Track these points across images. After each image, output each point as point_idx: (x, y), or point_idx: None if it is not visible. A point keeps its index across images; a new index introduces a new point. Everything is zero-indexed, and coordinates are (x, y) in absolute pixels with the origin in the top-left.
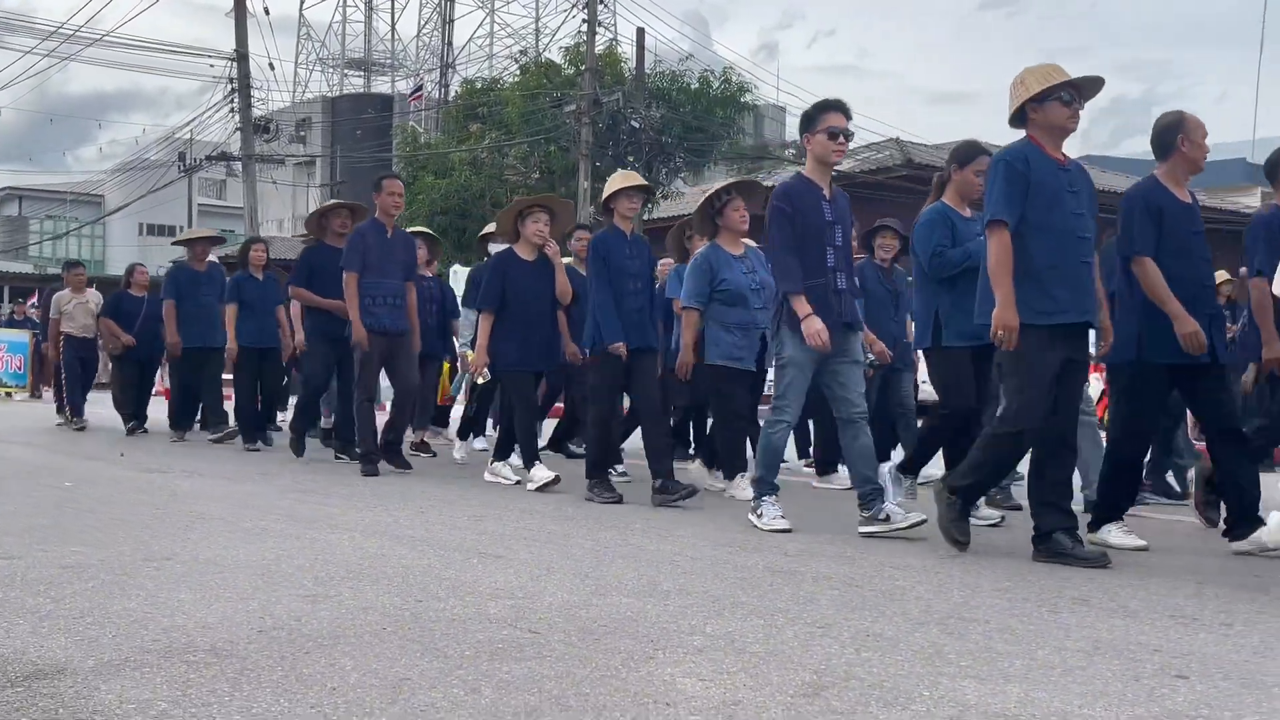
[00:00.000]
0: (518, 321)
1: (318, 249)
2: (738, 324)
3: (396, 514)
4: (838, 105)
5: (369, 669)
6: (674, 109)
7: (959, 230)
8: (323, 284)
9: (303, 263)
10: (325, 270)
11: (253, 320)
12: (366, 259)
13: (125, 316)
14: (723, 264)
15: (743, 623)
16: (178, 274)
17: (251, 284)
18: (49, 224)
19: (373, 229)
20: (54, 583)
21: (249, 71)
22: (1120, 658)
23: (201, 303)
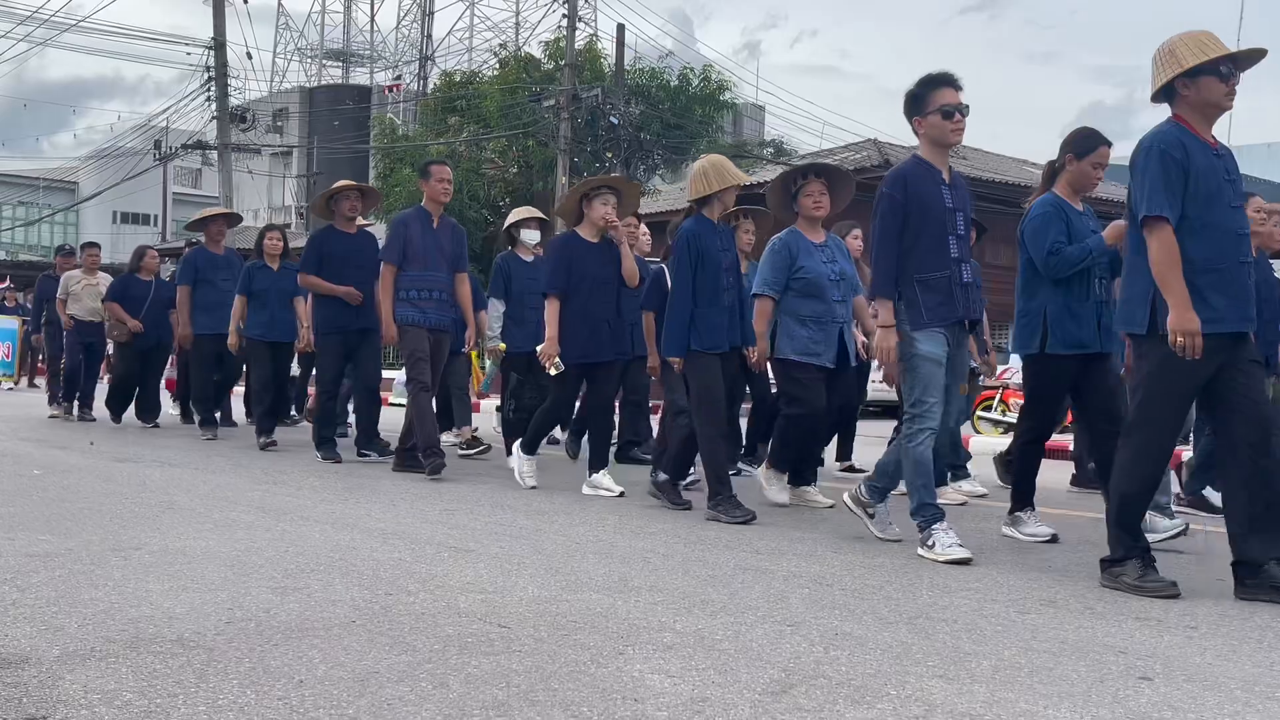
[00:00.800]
0: (580, 308)
1: (327, 234)
2: (813, 317)
3: (368, 507)
4: (948, 80)
5: (337, 662)
6: (653, 106)
7: (1074, 225)
8: (334, 272)
9: (312, 249)
10: (336, 257)
11: (265, 312)
12: (409, 250)
13: (132, 302)
14: (803, 250)
15: (712, 620)
16: (195, 257)
17: (264, 274)
18: (21, 210)
19: (417, 217)
20: (20, 571)
21: (226, 60)
22: (1086, 659)
23: (220, 288)
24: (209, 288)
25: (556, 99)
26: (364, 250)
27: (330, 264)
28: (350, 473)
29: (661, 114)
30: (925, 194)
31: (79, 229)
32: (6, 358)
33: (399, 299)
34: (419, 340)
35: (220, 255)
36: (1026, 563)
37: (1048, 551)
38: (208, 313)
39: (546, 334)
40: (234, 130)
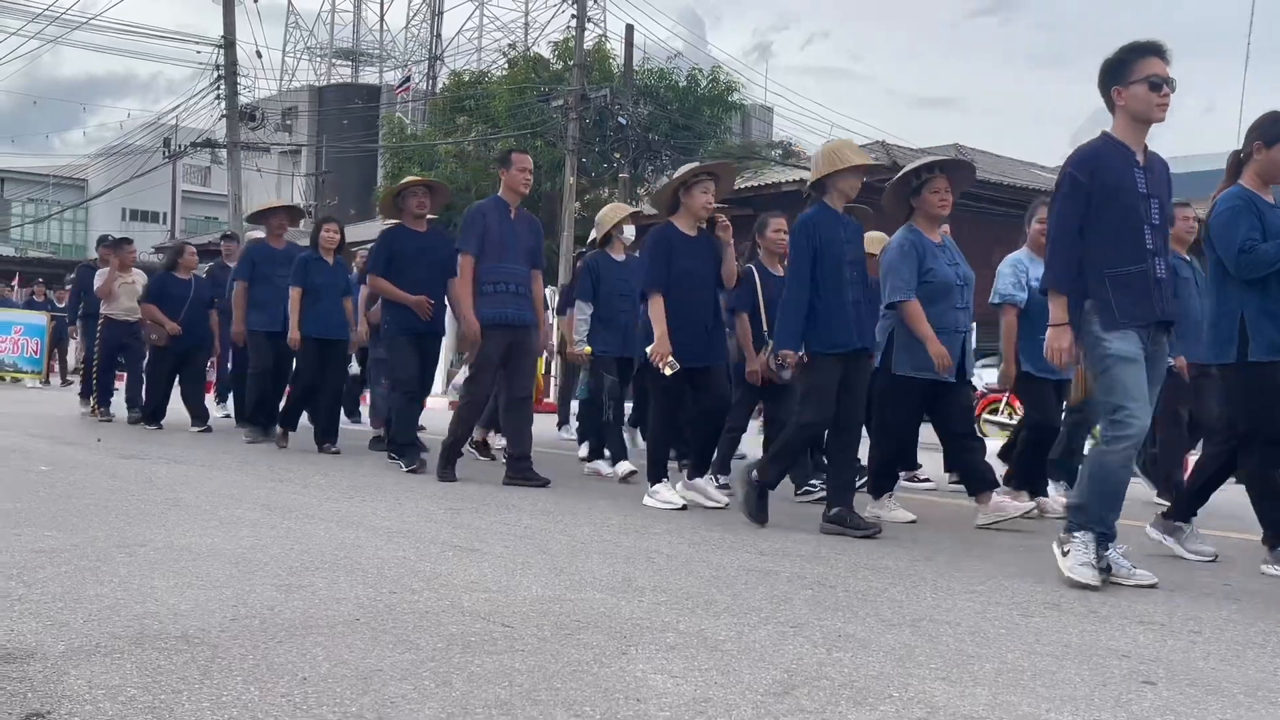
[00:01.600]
0: (676, 308)
1: (396, 232)
2: (935, 327)
3: (373, 505)
4: (1157, 49)
5: (340, 659)
6: (661, 106)
7: (1267, 219)
8: (403, 271)
9: (381, 248)
10: (405, 255)
11: (318, 307)
12: (487, 241)
13: (170, 301)
14: (928, 251)
15: (716, 620)
16: (254, 252)
17: (320, 267)
18: (30, 207)
19: (495, 207)
20: (26, 567)
21: (236, 59)
22: (1089, 663)
23: (277, 284)
24: (266, 284)
25: (565, 99)
26: (435, 248)
27: (400, 263)
28: (356, 471)
29: (670, 115)
30: (1115, 178)
31: (88, 226)
32: (35, 354)
33: (478, 293)
34: (495, 346)
35: (280, 250)
36: (1030, 566)
37: (1052, 556)
38: (264, 309)
39: (655, 332)
40: (243, 129)
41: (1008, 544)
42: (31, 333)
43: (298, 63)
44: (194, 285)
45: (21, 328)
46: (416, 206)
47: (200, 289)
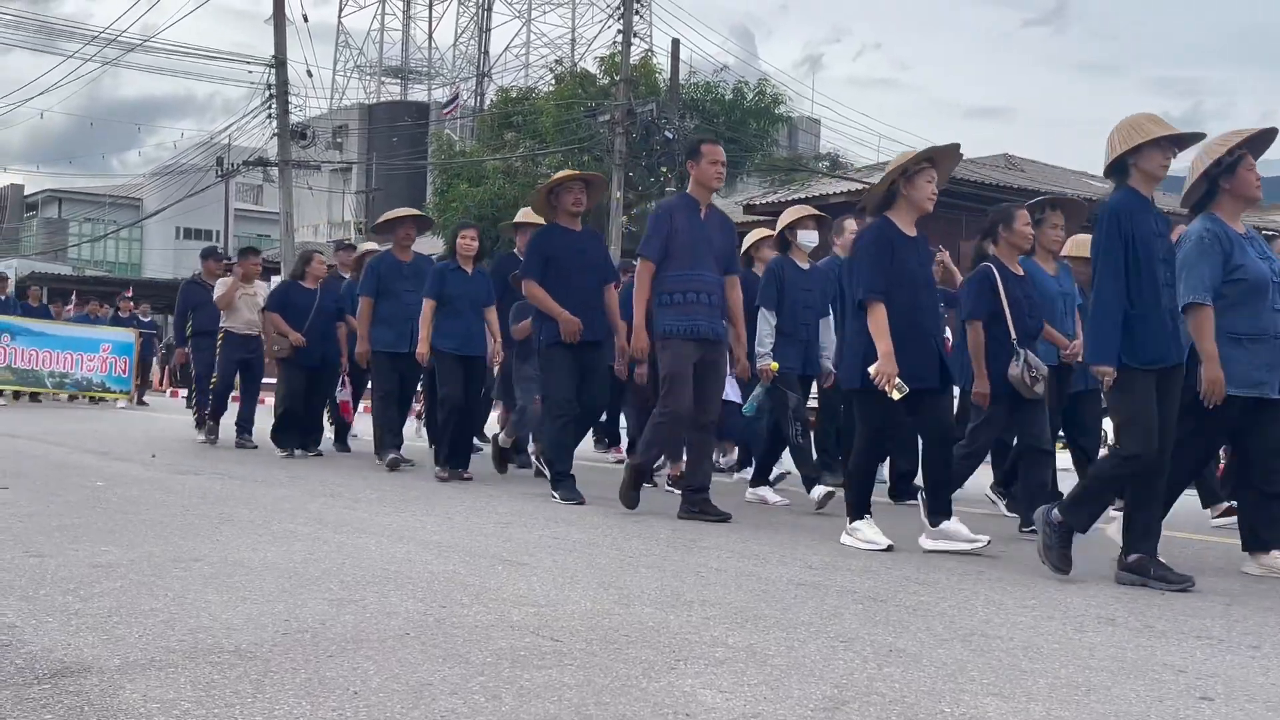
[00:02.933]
0: (902, 317)
1: (550, 233)
2: (1251, 333)
3: (423, 519)
4: None
5: (391, 673)
6: (708, 120)
7: None
8: (559, 276)
9: (534, 252)
10: (561, 260)
11: (458, 321)
12: (674, 244)
13: (294, 311)
14: (1235, 243)
15: (765, 635)
16: (379, 265)
17: (458, 277)
18: (87, 226)
19: (683, 205)
20: (83, 581)
21: (287, 78)
22: (1145, 678)
23: (405, 300)
24: (393, 300)
25: (611, 114)
26: (590, 250)
27: (555, 267)
28: (407, 486)
29: (716, 128)
30: None
31: (143, 245)
32: (123, 373)
33: (659, 304)
34: (682, 359)
35: (407, 263)
36: (1084, 580)
37: (1107, 569)
38: (390, 327)
39: (879, 349)
40: (294, 147)
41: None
42: (120, 350)
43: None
44: (320, 295)
45: (110, 345)
46: (573, 204)
47: (326, 299)
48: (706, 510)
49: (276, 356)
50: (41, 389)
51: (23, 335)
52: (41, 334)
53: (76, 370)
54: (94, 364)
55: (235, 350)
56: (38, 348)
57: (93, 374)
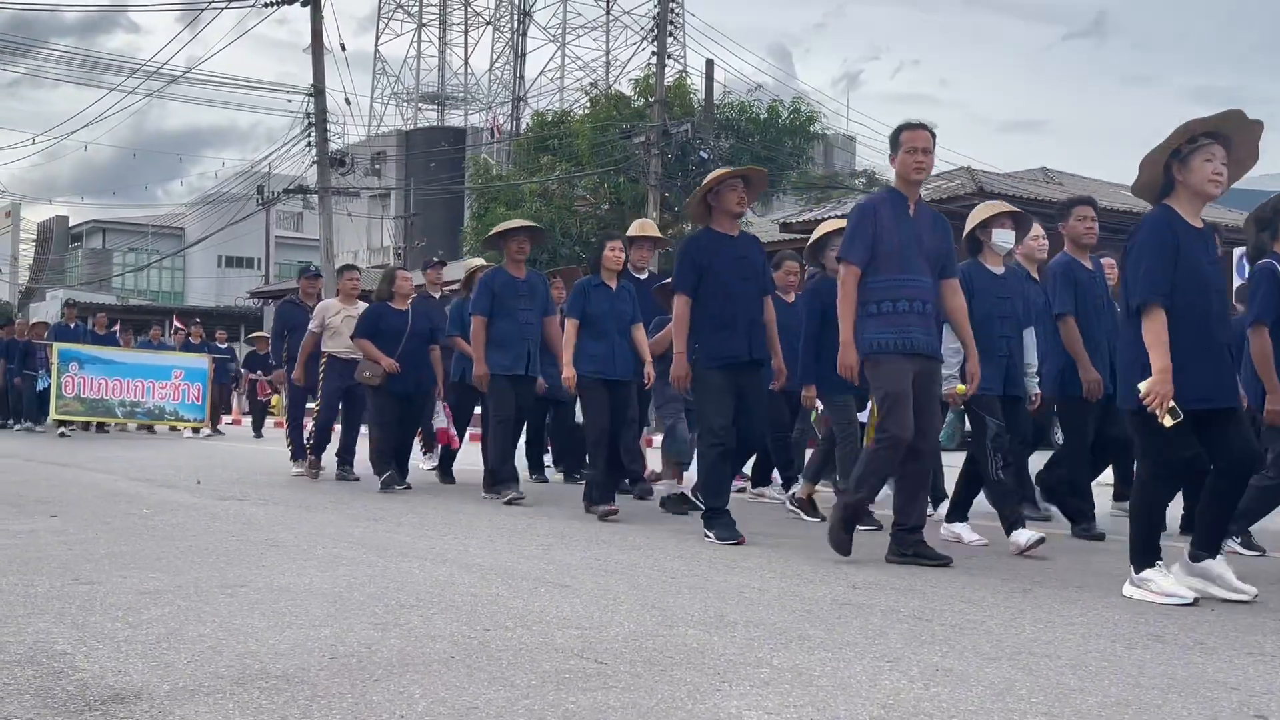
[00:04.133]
0: (1186, 327)
1: (704, 239)
2: None
3: (466, 543)
4: None
5: (437, 697)
6: (743, 139)
7: None
8: (719, 288)
9: (686, 261)
10: (718, 269)
11: (603, 342)
12: (880, 246)
13: (386, 336)
14: None
15: (810, 655)
16: (492, 281)
17: (603, 294)
18: (131, 256)
19: (889, 201)
20: (132, 608)
21: (325, 106)
22: (1196, 696)
23: (521, 320)
24: (508, 319)
25: (647, 135)
26: (750, 257)
27: (712, 278)
28: (449, 509)
29: (751, 147)
30: None
31: (185, 274)
32: (196, 400)
33: (865, 314)
34: (899, 377)
35: (522, 280)
36: (1132, 597)
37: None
38: (506, 349)
39: (1155, 364)
40: (333, 174)
41: (1109, 573)
42: (193, 377)
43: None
44: (411, 317)
45: (183, 372)
46: (736, 204)
47: (419, 321)
48: (922, 553)
49: (368, 383)
50: (111, 419)
51: (91, 364)
52: (110, 362)
53: (148, 398)
54: (166, 391)
55: (339, 377)
56: (107, 376)
57: (165, 401)
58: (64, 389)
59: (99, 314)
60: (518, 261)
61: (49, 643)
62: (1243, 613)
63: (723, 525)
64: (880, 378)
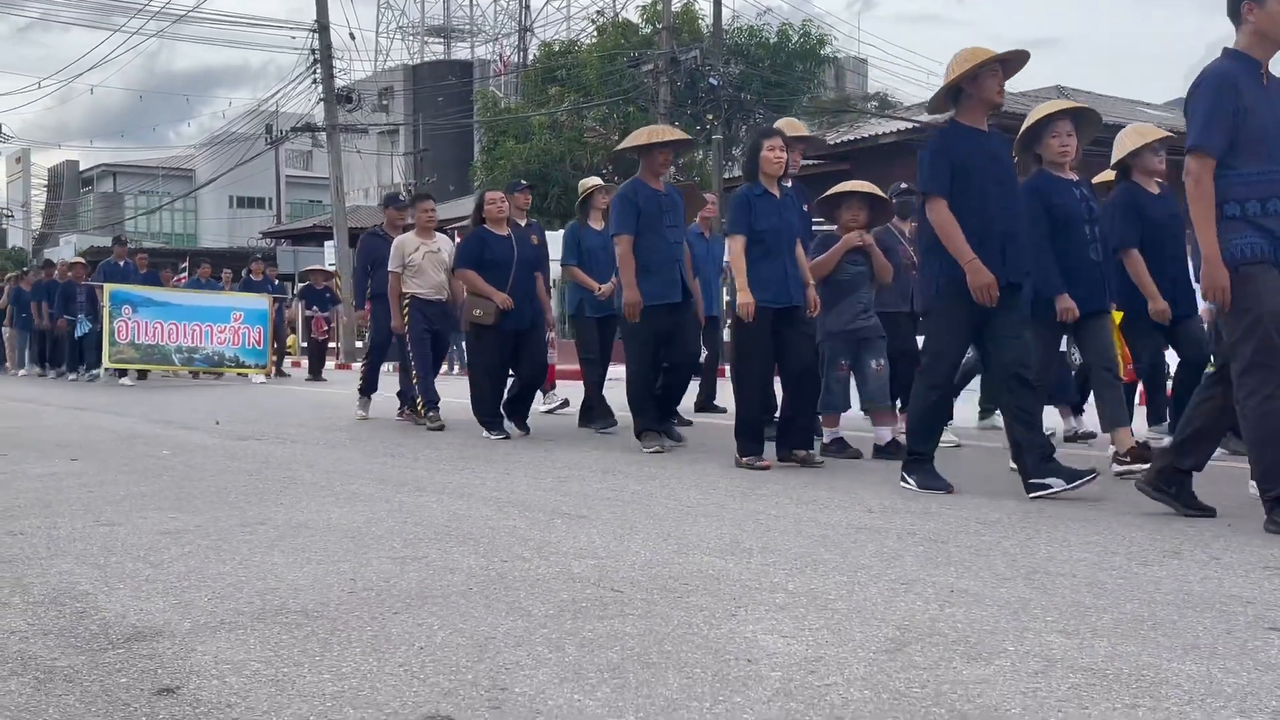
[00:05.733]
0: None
1: (955, 131)
2: None
3: (483, 476)
4: None
5: (455, 628)
6: (752, 64)
7: None
8: (970, 193)
9: (941, 156)
10: (970, 169)
11: (772, 264)
12: (1243, 129)
13: (492, 267)
14: None
15: (825, 580)
16: (633, 194)
17: (769, 205)
18: (142, 199)
19: (1245, 72)
20: (153, 548)
21: (330, 43)
22: (1212, 610)
23: (667, 238)
24: (655, 239)
25: (655, 63)
26: (1004, 158)
27: (964, 180)
28: (465, 444)
29: (761, 72)
30: None
31: (198, 215)
32: (258, 345)
33: (1223, 216)
34: (1274, 292)
35: (664, 194)
36: (1148, 514)
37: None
38: (654, 274)
39: None
40: (341, 111)
41: (1124, 493)
42: (253, 319)
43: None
44: (516, 244)
45: (242, 314)
46: (997, 93)
47: (526, 248)
48: None
49: (478, 323)
50: (169, 366)
51: (145, 306)
52: (165, 304)
53: (206, 343)
54: (225, 335)
55: (425, 319)
56: (162, 319)
57: (224, 346)
58: (116, 334)
59: (139, 254)
60: (657, 175)
61: (71, 583)
62: (1259, 529)
63: (926, 473)
64: (1248, 297)
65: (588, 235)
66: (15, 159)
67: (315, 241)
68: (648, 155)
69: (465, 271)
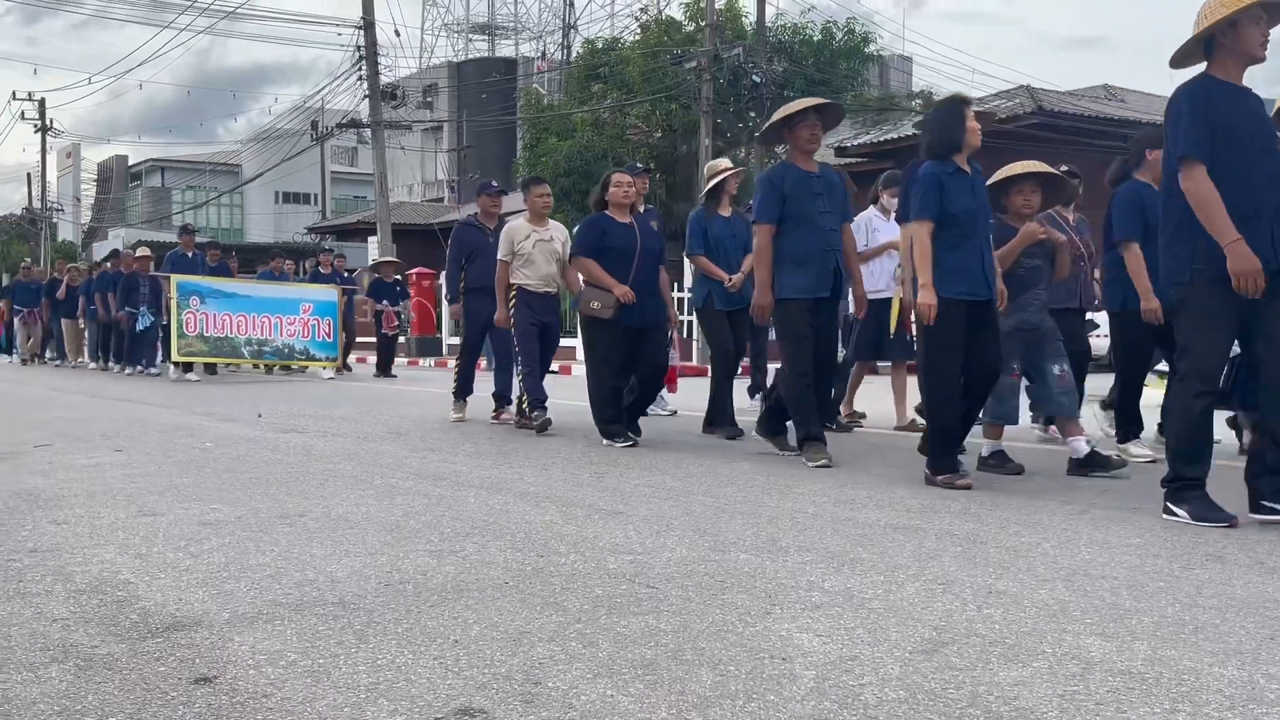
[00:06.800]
0: None
1: (1214, 87)
2: None
3: (520, 471)
4: None
5: (490, 622)
6: (796, 62)
7: None
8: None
9: (1200, 117)
10: (1232, 131)
11: (966, 251)
12: None
13: (613, 256)
14: None
15: (862, 579)
16: (780, 177)
17: (961, 184)
18: (189, 194)
19: None
20: (194, 539)
21: (376, 39)
22: (1255, 615)
23: (823, 226)
24: (805, 226)
25: (698, 60)
26: (1264, 119)
27: (1221, 146)
28: (504, 439)
29: (805, 70)
30: None
31: (244, 210)
32: (326, 338)
33: None
34: None
35: (816, 175)
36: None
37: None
38: (804, 266)
39: None
40: (386, 108)
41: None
42: (322, 310)
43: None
44: (640, 233)
45: (311, 305)
46: (1260, 45)
47: (650, 238)
48: None
49: (596, 315)
50: (238, 359)
51: (214, 298)
52: (234, 295)
53: (276, 335)
54: (295, 328)
55: (532, 312)
56: (231, 311)
57: (294, 339)
58: (185, 327)
59: (212, 249)
60: (808, 153)
61: (113, 572)
62: None
63: (1199, 502)
64: None
65: (715, 223)
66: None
67: (359, 237)
68: (791, 132)
69: (584, 259)
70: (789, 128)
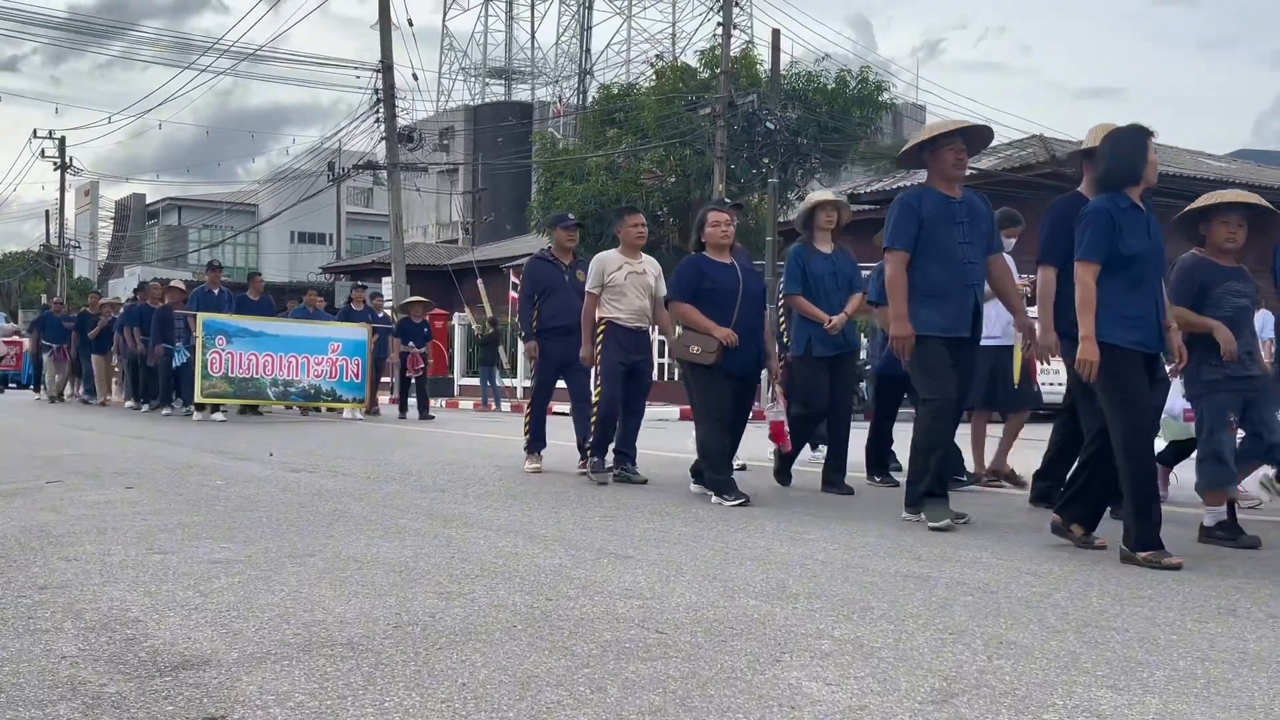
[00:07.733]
0: None
1: None
2: None
3: (530, 513)
4: None
5: (498, 665)
6: (810, 110)
7: None
8: None
9: None
10: None
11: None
12: None
13: (713, 298)
14: None
15: (872, 627)
16: (917, 203)
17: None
18: (206, 233)
19: None
20: (203, 577)
21: (393, 82)
22: (1269, 669)
23: (963, 258)
24: (945, 258)
25: (712, 107)
26: None
27: None
28: (514, 481)
29: (819, 117)
30: None
31: (260, 250)
32: (355, 378)
33: None
34: None
35: (958, 201)
36: (1204, 569)
37: (1227, 557)
38: (944, 304)
39: None
40: (402, 150)
41: (1179, 549)
42: (351, 350)
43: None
44: (742, 274)
45: (340, 344)
46: None
47: (751, 279)
48: None
49: (694, 361)
50: (263, 400)
51: (240, 337)
52: (260, 334)
53: (302, 375)
54: (322, 367)
55: (621, 350)
56: (257, 351)
57: (320, 380)
58: (209, 367)
59: (255, 277)
60: (952, 179)
61: (123, 610)
62: None
63: None
64: None
65: (815, 261)
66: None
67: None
68: (934, 155)
69: (680, 305)
70: (931, 150)
